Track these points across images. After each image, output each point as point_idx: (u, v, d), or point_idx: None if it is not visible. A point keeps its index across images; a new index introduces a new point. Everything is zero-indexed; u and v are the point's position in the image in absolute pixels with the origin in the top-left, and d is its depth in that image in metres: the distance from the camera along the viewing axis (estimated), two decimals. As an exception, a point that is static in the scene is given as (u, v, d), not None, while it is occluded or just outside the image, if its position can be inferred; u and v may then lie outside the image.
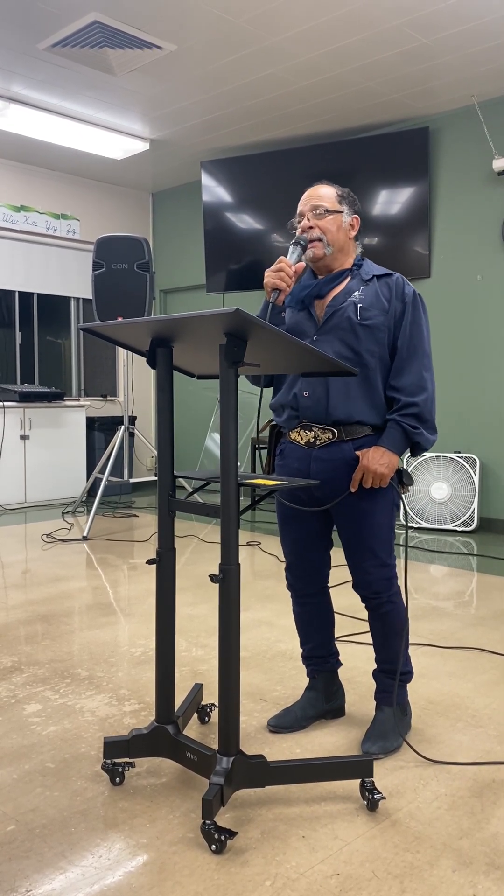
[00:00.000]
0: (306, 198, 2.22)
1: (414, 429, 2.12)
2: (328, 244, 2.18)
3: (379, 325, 2.13)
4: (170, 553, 2.02)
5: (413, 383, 2.13)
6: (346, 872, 1.64)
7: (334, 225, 2.18)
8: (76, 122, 6.04)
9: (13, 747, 2.22)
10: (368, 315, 2.13)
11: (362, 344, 2.13)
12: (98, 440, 7.43)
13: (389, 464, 2.10)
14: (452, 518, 5.62)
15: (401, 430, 2.13)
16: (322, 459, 2.16)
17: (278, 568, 4.45)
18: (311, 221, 2.18)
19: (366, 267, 2.23)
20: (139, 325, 1.82)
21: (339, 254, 2.21)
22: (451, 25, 4.50)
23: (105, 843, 1.75)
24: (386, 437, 2.13)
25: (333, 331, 2.15)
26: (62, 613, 3.55)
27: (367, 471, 2.09)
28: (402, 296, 2.16)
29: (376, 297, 2.15)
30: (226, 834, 1.71)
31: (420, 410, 2.12)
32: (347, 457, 2.14)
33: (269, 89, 5.43)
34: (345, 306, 2.15)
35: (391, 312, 2.15)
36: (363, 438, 2.15)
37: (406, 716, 2.28)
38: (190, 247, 7.79)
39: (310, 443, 2.18)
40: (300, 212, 2.22)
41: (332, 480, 2.15)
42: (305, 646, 2.39)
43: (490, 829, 1.80)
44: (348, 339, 2.13)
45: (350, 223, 2.21)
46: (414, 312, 2.16)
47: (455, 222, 5.79)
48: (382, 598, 2.20)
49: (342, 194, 2.22)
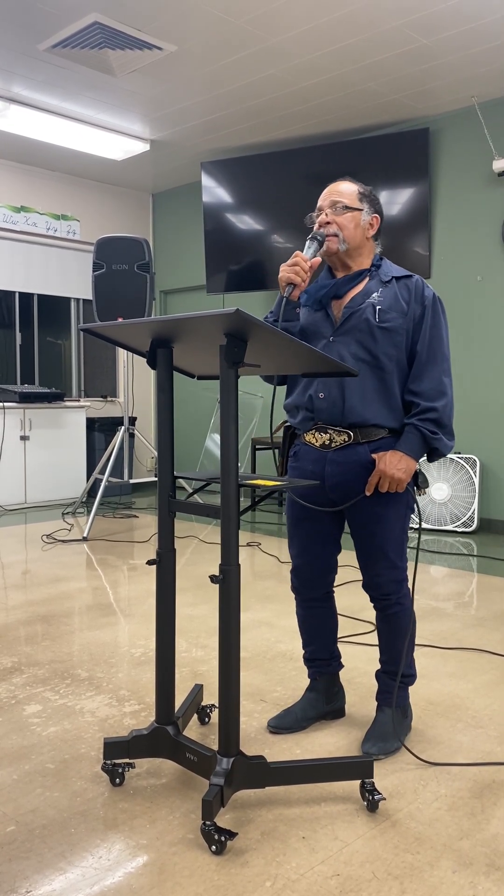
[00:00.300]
0: (327, 192, 2.19)
1: (433, 434, 2.10)
2: (344, 240, 2.15)
3: (397, 327, 2.10)
4: (170, 554, 2.02)
5: (432, 388, 2.10)
6: (346, 873, 1.64)
7: (352, 222, 2.15)
8: (76, 123, 6.04)
9: (13, 748, 2.22)
10: (387, 318, 2.10)
11: (380, 347, 2.10)
12: (98, 441, 7.43)
13: (407, 469, 2.07)
14: (452, 519, 5.62)
15: (419, 434, 2.10)
16: (337, 462, 2.14)
17: (278, 569, 4.45)
18: (329, 216, 2.15)
19: (385, 268, 2.20)
20: (139, 325, 1.82)
21: (356, 252, 2.18)
22: (451, 26, 4.50)
23: (105, 843, 1.75)
24: (404, 442, 2.10)
25: (351, 332, 2.12)
26: (62, 614, 3.55)
27: (383, 475, 2.07)
28: (421, 298, 2.13)
29: (395, 299, 2.12)
30: (226, 835, 1.71)
31: (439, 416, 2.09)
32: (363, 459, 2.12)
33: (270, 90, 5.43)
34: (363, 308, 2.12)
35: (410, 315, 2.12)
36: (379, 441, 2.13)
37: (407, 718, 2.28)
38: (190, 247, 7.80)
39: (325, 445, 2.16)
40: (319, 206, 2.19)
41: (346, 483, 2.13)
42: (308, 648, 2.39)
43: (490, 830, 1.80)
44: (366, 342, 2.11)
45: (369, 222, 2.18)
46: (434, 316, 2.13)
47: (455, 223, 5.79)
48: (391, 600, 2.19)
49: (363, 192, 2.19)
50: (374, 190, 2.29)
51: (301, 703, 2.36)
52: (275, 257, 6.51)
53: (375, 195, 2.23)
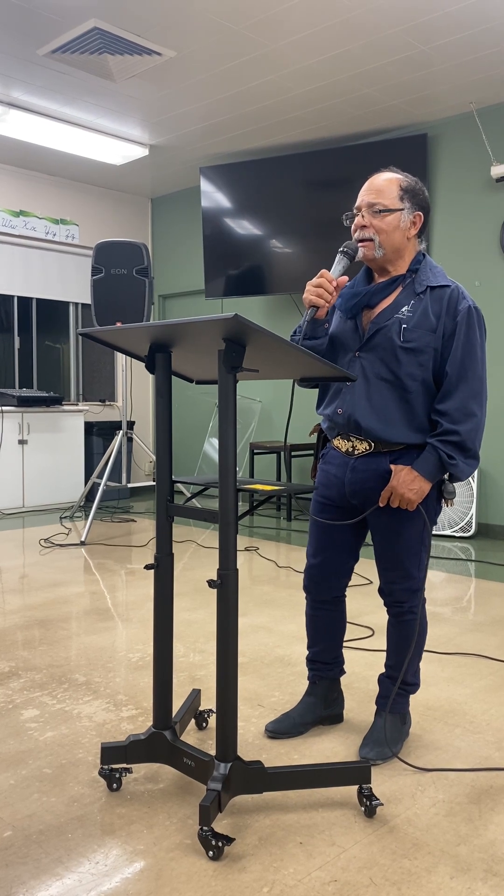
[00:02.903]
0: (366, 189, 2.06)
1: (450, 459, 2.00)
2: (380, 245, 2.03)
3: (423, 347, 2.00)
4: (168, 558, 2.02)
5: (458, 409, 2.00)
6: (343, 879, 1.64)
7: (391, 225, 2.02)
8: (76, 128, 6.05)
9: (10, 753, 2.21)
10: (412, 337, 2.00)
11: (403, 368, 2.02)
12: (96, 445, 7.43)
13: (419, 490, 2.02)
14: (451, 524, 5.62)
15: (437, 457, 2.02)
16: (359, 470, 2.12)
17: (277, 573, 4.45)
18: (366, 219, 2.04)
19: (422, 274, 2.07)
20: (138, 330, 1.82)
21: (395, 255, 2.07)
22: (449, 33, 4.51)
23: (102, 849, 1.75)
24: (421, 462, 2.02)
25: (375, 350, 2.05)
26: (60, 618, 3.54)
27: (395, 492, 2.03)
28: (454, 312, 2.01)
29: (424, 315, 2.01)
30: (223, 840, 1.71)
31: (461, 440, 2.00)
32: (382, 469, 2.09)
33: (269, 95, 5.45)
34: (389, 324, 2.03)
35: (439, 331, 2.01)
36: (401, 451, 2.08)
37: (406, 724, 2.26)
38: (189, 252, 7.81)
39: (349, 452, 2.15)
40: (357, 205, 2.07)
41: (365, 490, 2.12)
42: (312, 648, 2.38)
43: (488, 836, 1.80)
44: (389, 362, 2.03)
45: (411, 220, 2.05)
46: (468, 331, 2.00)
47: (453, 228, 5.80)
48: (405, 608, 2.18)
49: (405, 187, 2.04)
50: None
51: (299, 707, 2.36)
52: (273, 262, 6.52)
53: (420, 187, 2.07)
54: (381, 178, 2.06)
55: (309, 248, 6.30)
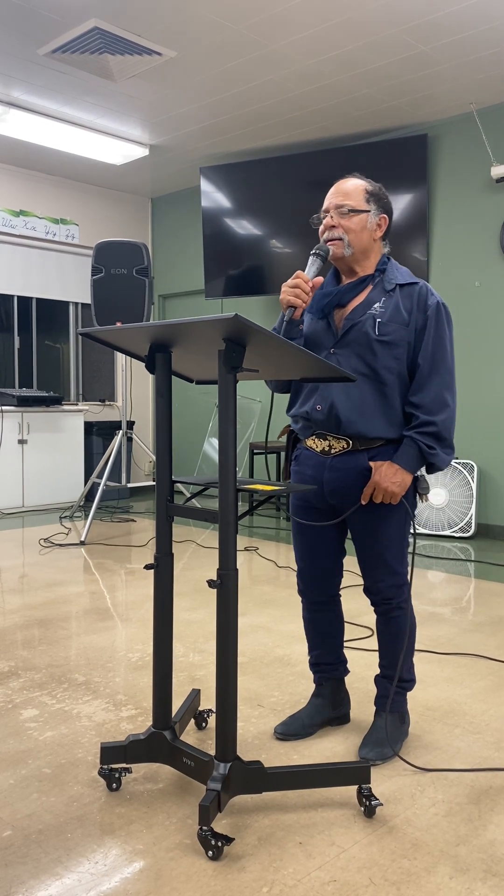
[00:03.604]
0: (333, 192, 2.13)
1: (430, 449, 2.06)
2: (349, 245, 2.09)
3: (397, 340, 2.06)
4: (168, 558, 2.02)
5: (433, 401, 2.06)
6: (343, 879, 1.64)
7: (359, 225, 2.09)
8: (76, 128, 6.05)
9: (10, 752, 2.21)
10: (387, 330, 2.06)
11: (379, 361, 2.06)
12: (96, 445, 7.43)
13: (402, 483, 2.05)
14: (450, 524, 5.62)
15: (416, 448, 2.07)
16: (336, 468, 2.13)
17: (276, 573, 4.45)
18: (335, 220, 2.10)
19: (389, 273, 2.14)
20: (138, 330, 1.82)
21: (362, 256, 2.13)
22: (450, 33, 4.52)
23: (101, 849, 1.75)
24: (401, 455, 2.07)
25: (351, 345, 2.09)
26: (59, 618, 3.54)
27: (378, 487, 2.05)
28: (424, 307, 2.08)
29: (397, 309, 2.07)
30: (223, 840, 1.71)
31: (438, 430, 2.06)
32: (361, 466, 2.10)
33: (269, 96, 5.45)
34: (363, 320, 2.08)
35: (412, 325, 2.07)
36: (378, 448, 2.11)
37: (405, 724, 2.26)
38: (189, 252, 7.81)
39: (325, 451, 2.15)
40: (325, 207, 2.13)
41: (344, 488, 2.13)
42: (313, 652, 2.38)
43: (487, 836, 1.80)
44: (365, 355, 2.07)
45: (377, 223, 2.12)
46: (437, 326, 2.08)
47: (453, 229, 5.80)
48: (392, 604, 2.19)
49: (371, 191, 2.12)
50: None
51: (307, 709, 2.36)
52: (274, 262, 6.52)
53: (384, 193, 2.16)
54: (347, 182, 2.14)
55: (309, 249, 6.30)
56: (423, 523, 5.70)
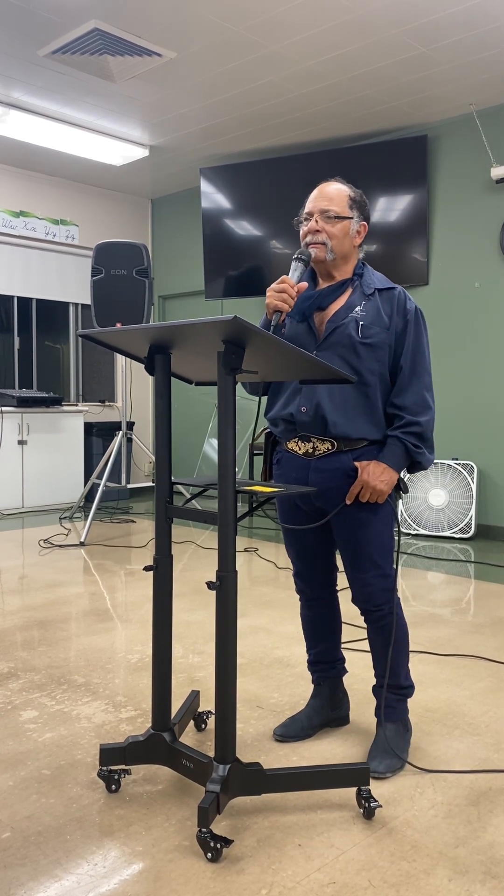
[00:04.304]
0: (317, 196, 2.15)
1: (416, 448, 2.10)
2: (331, 250, 2.11)
3: (379, 343, 2.09)
4: (167, 560, 2.02)
5: (416, 402, 2.10)
6: (342, 881, 1.64)
7: (342, 232, 2.12)
8: (76, 129, 6.05)
9: (9, 754, 2.21)
10: (370, 333, 2.09)
11: (363, 363, 2.09)
12: (96, 445, 7.43)
13: (389, 481, 2.08)
14: (450, 525, 5.62)
15: (403, 447, 2.10)
16: (321, 470, 2.13)
17: (276, 574, 4.45)
18: (319, 224, 2.12)
19: (367, 277, 2.17)
20: (138, 332, 1.82)
21: (342, 261, 2.16)
22: (449, 35, 4.52)
23: (100, 850, 1.74)
24: (387, 453, 2.10)
25: (333, 347, 2.11)
26: (59, 619, 3.54)
27: (365, 485, 2.07)
28: (403, 311, 2.12)
29: (377, 313, 2.11)
30: (222, 842, 1.70)
31: (423, 430, 2.10)
32: (346, 467, 2.11)
33: (269, 97, 5.45)
34: (346, 322, 2.10)
35: (392, 329, 2.11)
36: (362, 449, 2.13)
37: (408, 731, 2.24)
38: (189, 253, 7.81)
39: (308, 453, 2.15)
40: (309, 210, 2.15)
41: (330, 490, 2.13)
42: (311, 650, 2.38)
43: (486, 838, 1.80)
44: (349, 358, 2.09)
45: (357, 230, 2.15)
46: (416, 330, 2.13)
47: (453, 230, 5.81)
48: (384, 610, 2.17)
49: (354, 198, 2.15)
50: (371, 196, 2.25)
51: (306, 710, 2.35)
52: (273, 263, 6.52)
53: (365, 200, 2.20)
54: (331, 187, 2.16)
55: (309, 250, 6.30)
56: (423, 524, 5.70)
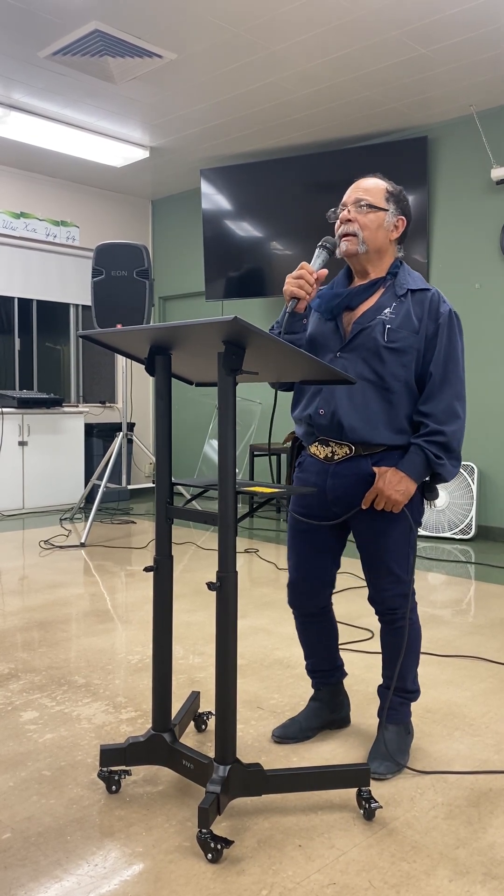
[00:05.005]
0: (353, 189, 2.10)
1: (437, 459, 2.02)
2: (363, 242, 2.05)
3: (406, 348, 2.02)
4: (167, 560, 2.02)
5: (444, 411, 2.02)
6: (342, 882, 1.64)
7: (375, 223, 2.05)
8: (76, 130, 6.06)
9: (9, 755, 2.21)
10: (396, 337, 2.02)
11: (387, 368, 2.02)
12: (96, 446, 7.43)
13: (406, 491, 2.01)
14: (450, 526, 5.62)
15: (424, 457, 2.02)
16: (340, 475, 2.09)
17: (276, 575, 4.45)
18: (352, 214, 2.06)
19: (401, 277, 2.10)
20: (138, 332, 1.82)
21: (376, 256, 2.09)
22: (450, 36, 4.52)
23: (101, 851, 1.74)
24: (407, 462, 2.02)
25: (358, 350, 2.05)
26: (59, 620, 3.54)
27: (381, 494, 2.01)
28: (436, 315, 2.04)
29: (407, 316, 2.03)
30: (222, 843, 1.70)
31: (447, 440, 2.01)
32: (364, 472, 2.06)
33: (269, 98, 5.45)
34: (373, 325, 2.04)
35: (422, 333, 2.03)
36: (382, 453, 2.06)
37: (409, 734, 2.23)
38: (189, 254, 7.81)
39: (328, 458, 2.11)
40: (343, 202, 2.09)
41: (348, 496, 2.08)
42: (309, 660, 2.36)
43: (487, 839, 1.80)
44: (372, 362, 2.03)
45: (394, 224, 2.09)
46: (449, 334, 2.04)
47: (453, 231, 5.81)
48: (398, 614, 2.14)
49: (392, 191, 2.09)
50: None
51: (305, 712, 2.35)
52: (274, 264, 6.52)
53: (405, 195, 2.13)
54: (369, 180, 2.12)
55: (309, 251, 6.30)
56: (423, 525, 5.69)
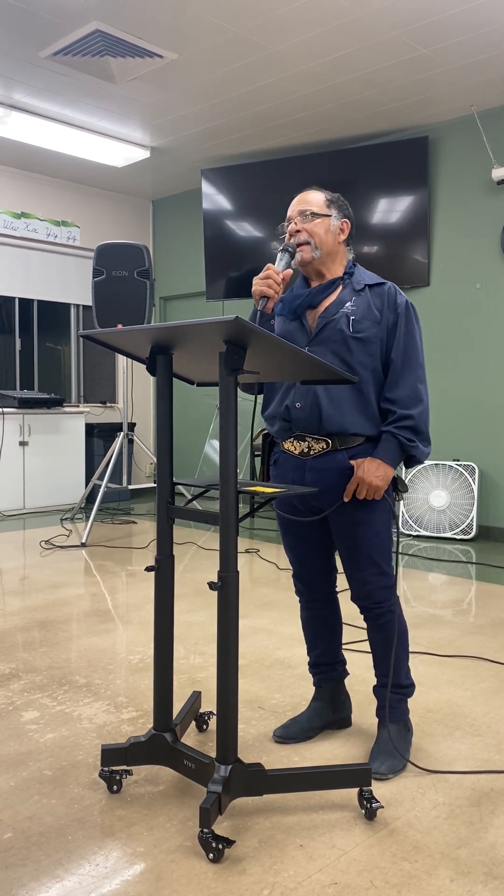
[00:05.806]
0: (295, 203, 2.22)
1: (410, 441, 2.11)
2: (316, 247, 2.16)
3: (371, 337, 2.12)
4: (168, 560, 2.02)
5: (408, 395, 2.11)
6: (343, 881, 1.64)
7: (322, 228, 2.16)
8: (77, 130, 6.06)
9: (10, 755, 2.21)
10: (361, 327, 2.11)
11: (355, 357, 2.11)
12: (97, 446, 7.43)
13: (385, 476, 2.09)
14: (451, 526, 5.62)
15: (396, 442, 2.11)
16: (316, 469, 2.14)
17: (277, 575, 4.45)
18: (299, 225, 2.18)
19: (357, 275, 2.21)
20: (139, 332, 1.82)
21: (329, 259, 2.19)
22: (450, 36, 4.52)
23: (102, 851, 1.74)
24: (381, 449, 2.11)
25: (325, 342, 2.13)
26: (60, 620, 3.54)
27: (361, 482, 2.08)
28: (394, 306, 2.15)
29: (368, 308, 2.14)
30: (223, 842, 1.70)
31: (416, 423, 2.11)
32: (341, 466, 2.12)
33: (270, 98, 5.45)
34: (337, 318, 2.13)
35: (383, 323, 2.14)
36: (357, 447, 2.14)
37: (409, 732, 2.23)
38: (190, 254, 7.81)
39: (304, 453, 2.17)
40: (288, 217, 2.21)
41: (327, 490, 2.14)
42: (312, 652, 2.38)
43: (488, 839, 1.80)
44: (340, 352, 2.12)
45: (339, 227, 2.19)
46: (407, 323, 2.15)
47: (454, 231, 5.81)
48: (383, 608, 2.17)
49: (331, 199, 2.21)
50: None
51: (307, 712, 2.35)
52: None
53: (344, 201, 2.25)
54: (308, 193, 2.25)
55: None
56: (424, 525, 5.70)
